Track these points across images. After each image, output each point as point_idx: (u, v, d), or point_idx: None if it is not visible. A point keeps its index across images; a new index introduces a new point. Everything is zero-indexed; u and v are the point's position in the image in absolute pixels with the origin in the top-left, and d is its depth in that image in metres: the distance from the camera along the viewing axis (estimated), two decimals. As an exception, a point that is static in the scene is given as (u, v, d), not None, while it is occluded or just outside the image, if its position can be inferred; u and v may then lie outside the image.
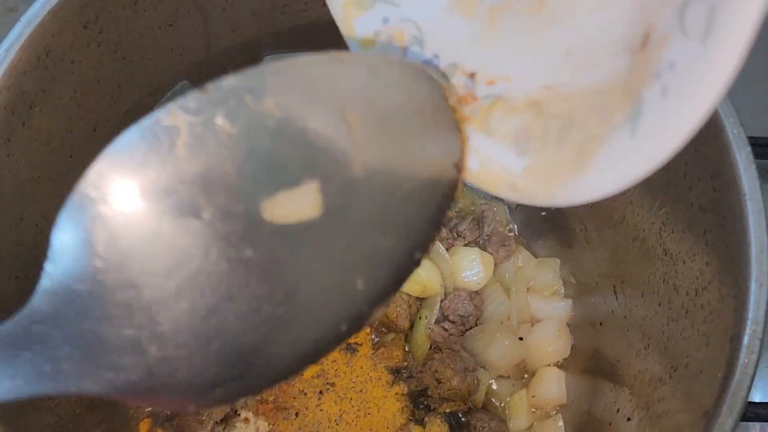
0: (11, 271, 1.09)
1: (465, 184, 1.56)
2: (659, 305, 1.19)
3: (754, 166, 0.98)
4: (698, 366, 1.03)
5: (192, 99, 0.69)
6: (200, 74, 1.34)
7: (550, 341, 1.53)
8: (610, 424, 1.29)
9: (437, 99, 0.84)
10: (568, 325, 1.55)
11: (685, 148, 1.04)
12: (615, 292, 1.37)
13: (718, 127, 0.99)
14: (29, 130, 1.06)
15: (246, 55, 1.37)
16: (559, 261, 1.58)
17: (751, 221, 0.96)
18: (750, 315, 0.94)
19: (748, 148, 0.98)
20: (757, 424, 1.65)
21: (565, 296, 1.58)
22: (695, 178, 1.06)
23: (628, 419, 1.22)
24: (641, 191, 1.21)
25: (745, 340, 0.94)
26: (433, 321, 1.53)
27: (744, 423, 1.63)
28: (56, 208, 1.17)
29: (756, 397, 1.66)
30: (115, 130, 1.25)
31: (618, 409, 1.28)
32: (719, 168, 1.00)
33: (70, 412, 1.20)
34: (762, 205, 0.97)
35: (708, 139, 1.01)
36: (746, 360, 0.93)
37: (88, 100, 1.16)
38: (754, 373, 0.93)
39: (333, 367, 1.50)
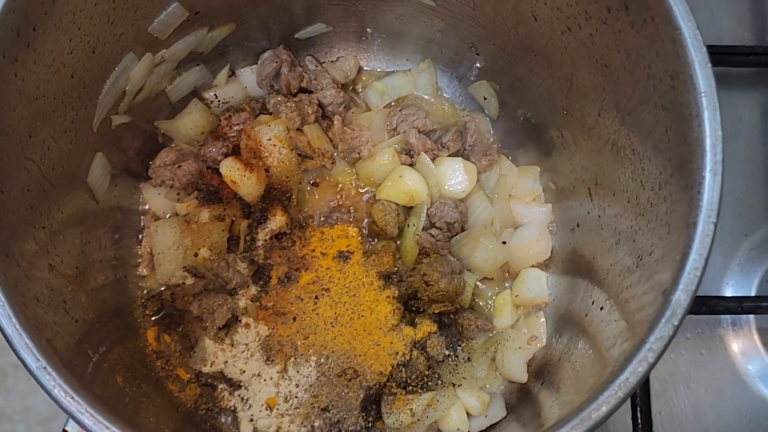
0: (23, 183, 1.17)
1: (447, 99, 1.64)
2: (628, 202, 1.27)
3: (709, 66, 1.05)
4: (661, 253, 1.12)
5: None
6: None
7: (532, 244, 1.62)
8: (586, 315, 1.39)
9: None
10: (548, 228, 1.64)
11: (648, 51, 1.13)
12: (590, 195, 1.45)
13: (676, 29, 1.06)
14: (34, 51, 1.14)
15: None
16: (539, 168, 1.67)
17: (706, 116, 1.05)
18: (705, 202, 1.03)
19: (704, 49, 1.05)
20: (729, 317, 1.75)
21: (545, 201, 1.67)
22: (658, 79, 1.13)
23: (601, 308, 1.31)
24: (612, 93, 1.28)
25: (700, 225, 1.03)
26: (421, 228, 1.61)
27: (715, 316, 1.74)
28: (61, 125, 1.26)
29: (727, 292, 1.76)
30: (112, 52, 1.34)
31: (593, 301, 1.37)
32: (678, 68, 1.08)
33: (83, 316, 1.29)
34: (716, 102, 1.05)
35: (668, 42, 1.08)
36: (701, 242, 1.02)
37: (86, 23, 1.23)
38: (709, 255, 1.02)
39: (327, 274, 1.59)
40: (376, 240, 1.65)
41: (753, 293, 1.75)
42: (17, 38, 1.09)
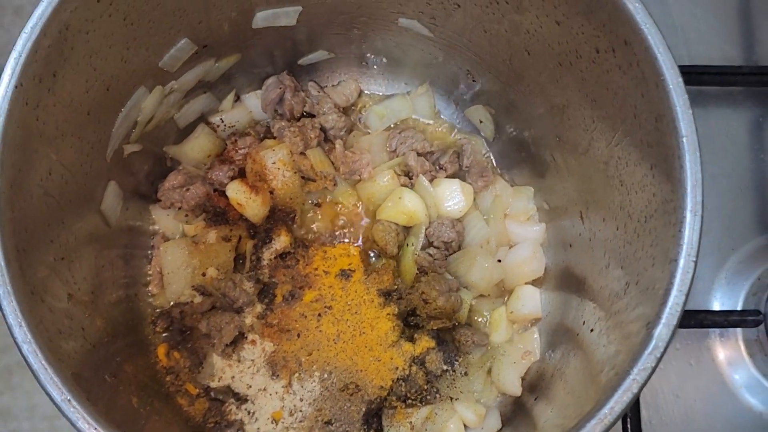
0: (44, 219, 1.23)
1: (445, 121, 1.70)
2: (617, 229, 1.34)
3: (690, 111, 1.11)
4: (646, 283, 1.18)
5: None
6: (199, 33, 1.47)
7: (526, 262, 1.68)
8: (578, 334, 1.45)
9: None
10: (542, 246, 1.71)
11: (634, 93, 1.20)
12: (581, 218, 1.52)
13: (659, 76, 1.13)
14: (54, 95, 1.20)
15: (240, 13, 1.49)
16: (533, 189, 1.73)
17: (687, 159, 1.10)
18: (685, 241, 1.09)
19: (686, 96, 1.11)
20: (717, 330, 1.82)
21: (539, 221, 1.74)
22: (643, 119, 1.20)
23: (591, 330, 1.38)
24: (602, 126, 1.34)
25: (682, 262, 1.09)
26: (419, 247, 1.67)
27: (704, 330, 1.80)
28: (77, 159, 1.33)
29: (715, 306, 1.83)
30: (125, 87, 1.40)
31: (584, 322, 1.43)
32: (662, 111, 1.14)
33: (99, 340, 1.35)
34: (697, 145, 1.11)
35: (652, 86, 1.15)
36: (682, 279, 1.08)
37: (101, 64, 1.29)
38: (689, 290, 1.09)
39: (330, 292, 1.65)
40: (376, 258, 1.71)
41: (740, 306, 1.80)
42: (39, 85, 1.16)
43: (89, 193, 1.43)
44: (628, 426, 1.62)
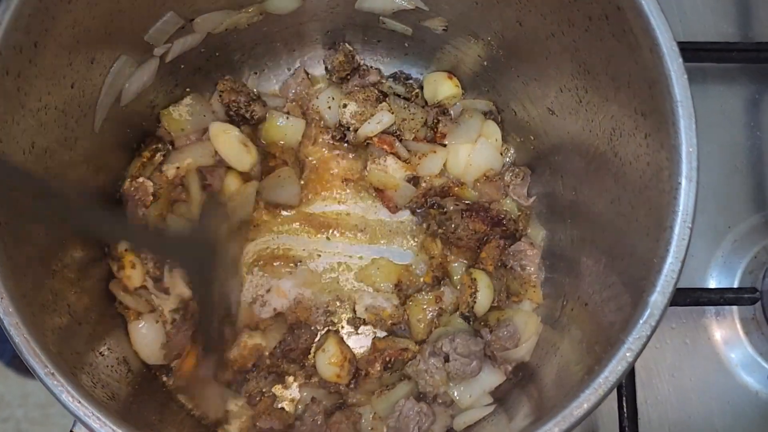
0: (27, 191, 1.21)
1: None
2: (611, 203, 1.32)
3: (685, 76, 1.09)
4: (641, 254, 1.16)
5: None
6: (185, 5, 1.44)
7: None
8: (572, 309, 1.44)
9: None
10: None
11: (628, 60, 1.18)
12: (576, 192, 1.50)
13: (653, 40, 1.11)
14: (35, 66, 1.18)
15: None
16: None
17: (682, 125, 1.09)
18: (681, 207, 1.08)
19: (680, 60, 1.10)
20: (712, 308, 1.80)
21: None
22: (637, 87, 1.18)
23: (586, 304, 1.36)
24: (594, 99, 1.32)
25: (677, 229, 1.07)
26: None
27: (700, 307, 1.79)
28: (62, 134, 1.30)
29: (711, 284, 1.81)
30: (109, 60, 1.38)
31: (578, 296, 1.42)
32: (655, 77, 1.12)
33: (86, 318, 1.34)
34: (692, 110, 1.09)
35: (646, 52, 1.13)
36: (678, 246, 1.07)
37: (84, 36, 1.27)
38: (685, 258, 1.07)
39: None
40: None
41: (736, 284, 1.79)
42: (20, 55, 1.13)
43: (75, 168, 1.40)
44: (624, 405, 1.60)
